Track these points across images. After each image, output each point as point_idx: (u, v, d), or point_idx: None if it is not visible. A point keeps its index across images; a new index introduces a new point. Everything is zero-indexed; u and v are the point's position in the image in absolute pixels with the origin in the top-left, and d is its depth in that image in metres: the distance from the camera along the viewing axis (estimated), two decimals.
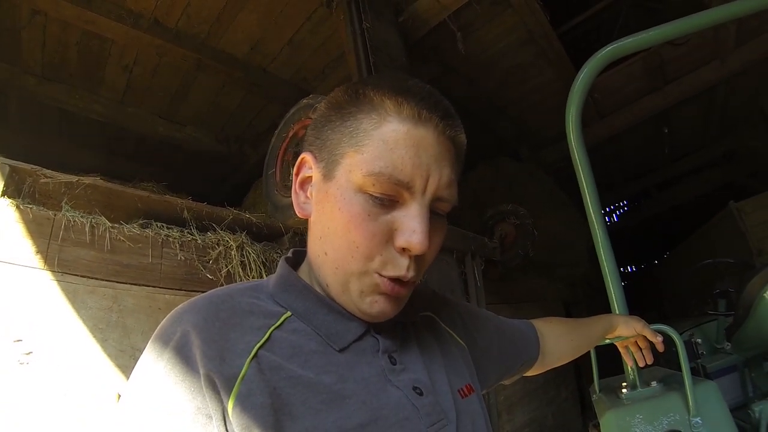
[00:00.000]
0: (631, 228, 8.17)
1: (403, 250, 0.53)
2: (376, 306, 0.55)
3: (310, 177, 0.59)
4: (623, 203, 8.36)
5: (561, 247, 3.95)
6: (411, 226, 0.52)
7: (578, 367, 3.74)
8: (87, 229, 1.18)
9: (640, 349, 1.17)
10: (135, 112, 3.44)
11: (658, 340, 1.12)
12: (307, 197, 0.60)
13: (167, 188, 3.00)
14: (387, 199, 0.52)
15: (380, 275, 0.53)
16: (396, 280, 0.54)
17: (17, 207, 1.13)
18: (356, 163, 0.52)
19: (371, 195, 0.52)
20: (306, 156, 0.60)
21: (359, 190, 0.52)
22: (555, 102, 3.95)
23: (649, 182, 6.70)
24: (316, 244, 0.58)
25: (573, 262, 4.08)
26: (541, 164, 4.68)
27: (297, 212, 0.61)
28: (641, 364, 1.21)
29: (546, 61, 3.51)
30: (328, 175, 0.55)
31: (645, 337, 1.13)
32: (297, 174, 0.61)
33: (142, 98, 3.36)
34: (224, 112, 3.66)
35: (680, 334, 1.45)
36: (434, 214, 0.55)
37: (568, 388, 3.56)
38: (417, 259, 0.54)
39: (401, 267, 0.53)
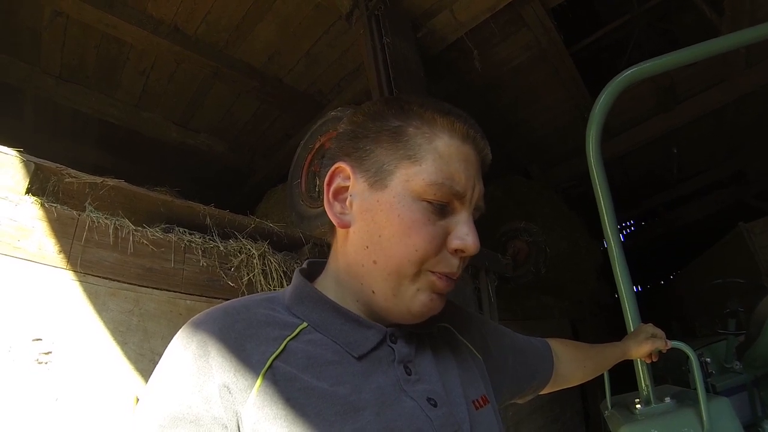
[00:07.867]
0: (639, 248, 8.12)
1: (456, 252, 0.58)
2: (430, 303, 0.58)
3: (346, 187, 0.60)
4: (630, 223, 8.33)
5: (569, 265, 3.95)
6: (464, 231, 0.57)
7: (584, 388, 3.71)
8: (111, 231, 1.18)
9: None
10: (149, 117, 3.46)
11: (666, 347, 1.19)
12: (343, 207, 0.60)
13: (179, 194, 3.00)
14: (444, 206, 0.57)
15: (433, 273, 0.57)
16: (446, 277, 0.58)
17: (41, 205, 1.12)
18: (414, 173, 0.56)
19: (431, 203, 0.56)
20: (342, 165, 0.60)
21: (419, 198, 0.56)
22: (565, 121, 3.97)
23: (656, 202, 6.68)
24: (359, 254, 0.58)
25: (580, 280, 4.07)
26: (550, 182, 4.69)
27: (334, 223, 0.61)
28: (648, 361, 1.28)
29: (558, 80, 3.53)
30: (377, 184, 0.57)
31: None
32: (329, 184, 0.60)
33: (157, 103, 3.38)
34: (238, 122, 3.68)
35: None
36: None
37: (573, 407, 3.52)
38: (463, 260, 0.59)
39: (453, 265, 0.58)
